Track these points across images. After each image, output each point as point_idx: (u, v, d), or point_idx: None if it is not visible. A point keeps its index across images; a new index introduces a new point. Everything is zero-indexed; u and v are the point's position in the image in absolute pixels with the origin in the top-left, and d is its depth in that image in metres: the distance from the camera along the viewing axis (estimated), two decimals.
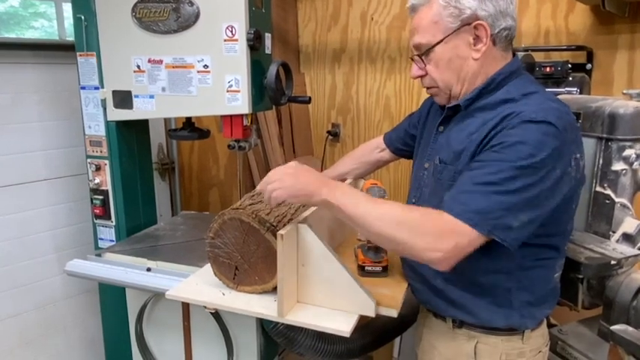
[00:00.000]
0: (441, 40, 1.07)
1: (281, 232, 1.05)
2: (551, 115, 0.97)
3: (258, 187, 1.12)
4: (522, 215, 0.96)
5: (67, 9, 2.08)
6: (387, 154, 1.55)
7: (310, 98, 1.75)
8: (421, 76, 1.16)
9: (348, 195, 1.02)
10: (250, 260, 1.20)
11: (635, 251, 1.26)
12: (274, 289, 1.15)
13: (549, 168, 0.95)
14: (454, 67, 1.09)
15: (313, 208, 1.25)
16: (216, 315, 1.47)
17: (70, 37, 2.07)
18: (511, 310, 1.11)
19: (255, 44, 1.47)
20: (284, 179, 1.06)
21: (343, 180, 1.58)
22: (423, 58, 1.12)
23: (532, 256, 1.08)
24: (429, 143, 1.22)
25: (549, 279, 1.13)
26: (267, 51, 1.61)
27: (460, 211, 0.95)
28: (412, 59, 1.15)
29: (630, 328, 1.11)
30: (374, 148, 1.58)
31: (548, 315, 1.19)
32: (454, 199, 0.98)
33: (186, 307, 1.54)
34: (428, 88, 1.17)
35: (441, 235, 0.95)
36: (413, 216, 0.98)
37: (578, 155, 1.02)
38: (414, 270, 1.22)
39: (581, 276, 1.24)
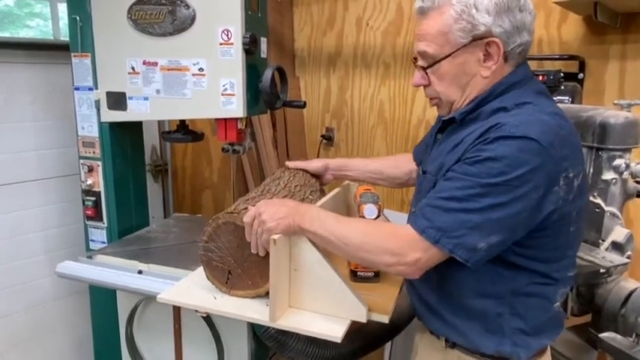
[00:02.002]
0: (449, 55, 0.98)
1: (274, 236, 1.05)
2: (534, 129, 0.88)
3: (246, 220, 1.11)
4: (492, 237, 0.89)
5: (63, 9, 2.08)
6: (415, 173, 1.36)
7: (305, 103, 1.75)
8: (424, 85, 1.07)
9: (317, 220, 1.05)
10: (244, 265, 1.20)
11: (623, 260, 1.28)
12: (267, 294, 1.15)
13: (529, 187, 0.87)
14: (460, 83, 1.01)
15: None
16: (208, 319, 1.47)
17: (65, 37, 2.06)
18: (502, 337, 1.02)
19: (250, 48, 1.47)
20: (267, 208, 1.08)
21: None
22: (428, 69, 1.03)
23: (525, 281, 0.99)
24: (426, 153, 1.18)
25: (547, 308, 1.03)
26: (263, 55, 1.61)
27: (423, 227, 0.93)
28: (415, 65, 1.06)
29: (619, 336, 1.13)
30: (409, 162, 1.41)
31: (547, 346, 1.09)
32: (422, 211, 0.95)
33: (177, 310, 1.54)
34: (430, 98, 1.09)
35: (403, 251, 0.95)
36: (376, 236, 1.00)
37: (571, 174, 0.92)
38: (412, 285, 1.18)
39: None
